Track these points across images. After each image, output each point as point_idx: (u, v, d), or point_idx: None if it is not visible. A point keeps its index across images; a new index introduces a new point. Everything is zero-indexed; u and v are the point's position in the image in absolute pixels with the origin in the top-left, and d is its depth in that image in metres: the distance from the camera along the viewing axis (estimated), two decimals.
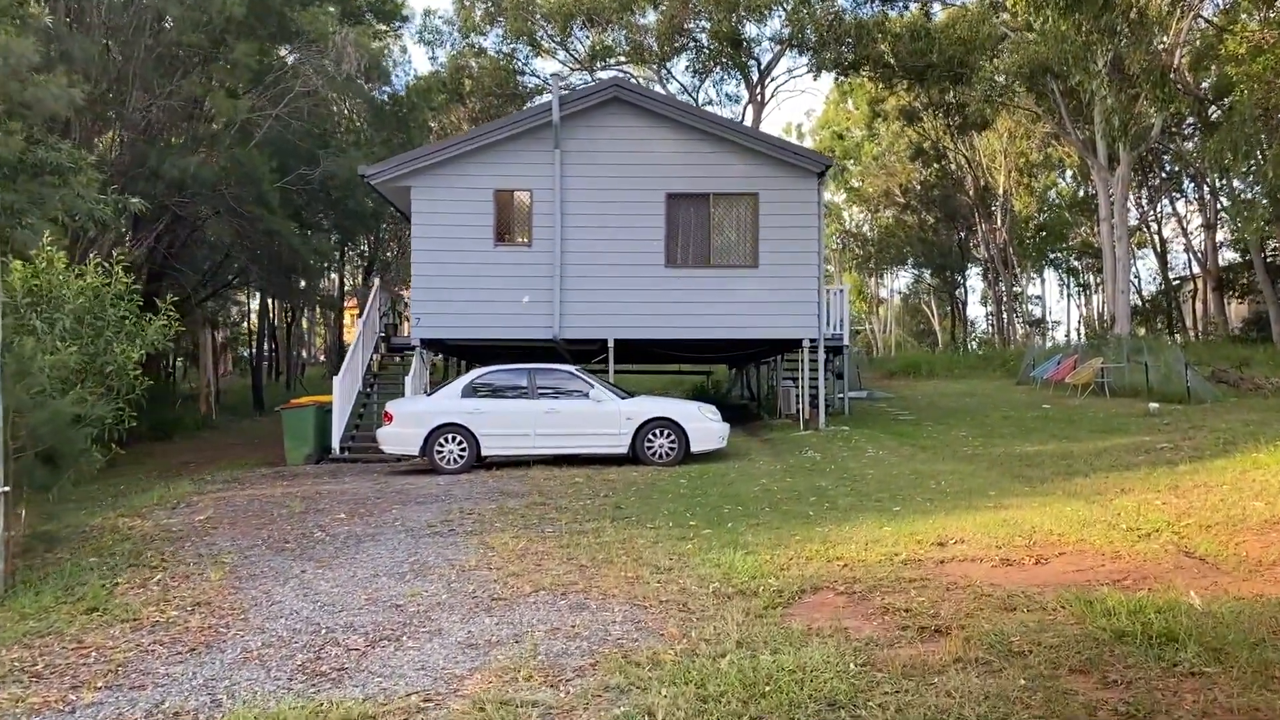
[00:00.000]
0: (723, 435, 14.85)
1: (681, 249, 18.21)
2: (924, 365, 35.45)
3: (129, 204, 15.84)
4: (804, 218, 18.17)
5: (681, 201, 18.19)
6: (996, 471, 12.80)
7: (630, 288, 17.99)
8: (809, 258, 18.16)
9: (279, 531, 10.14)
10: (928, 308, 67.37)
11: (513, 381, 14.97)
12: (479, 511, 10.80)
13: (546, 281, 17.91)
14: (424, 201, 18.01)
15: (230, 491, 13.58)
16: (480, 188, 18.02)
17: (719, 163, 18.15)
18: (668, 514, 10.42)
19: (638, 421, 14.54)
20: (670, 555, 8.48)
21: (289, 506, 11.62)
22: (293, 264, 21.75)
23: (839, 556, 8.30)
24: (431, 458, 14.56)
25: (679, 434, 14.52)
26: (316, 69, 19.63)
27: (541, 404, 14.61)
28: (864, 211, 57.66)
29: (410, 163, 17.86)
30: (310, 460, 17.56)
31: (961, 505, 10.35)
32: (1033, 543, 8.68)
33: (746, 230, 18.23)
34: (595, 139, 18.13)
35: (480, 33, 37.15)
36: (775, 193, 18.11)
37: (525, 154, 18.08)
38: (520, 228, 18.13)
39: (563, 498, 11.63)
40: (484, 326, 18.03)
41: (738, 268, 18.15)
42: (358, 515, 10.91)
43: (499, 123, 18.43)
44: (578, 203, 18.00)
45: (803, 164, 18.07)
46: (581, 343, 18.56)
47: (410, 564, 8.45)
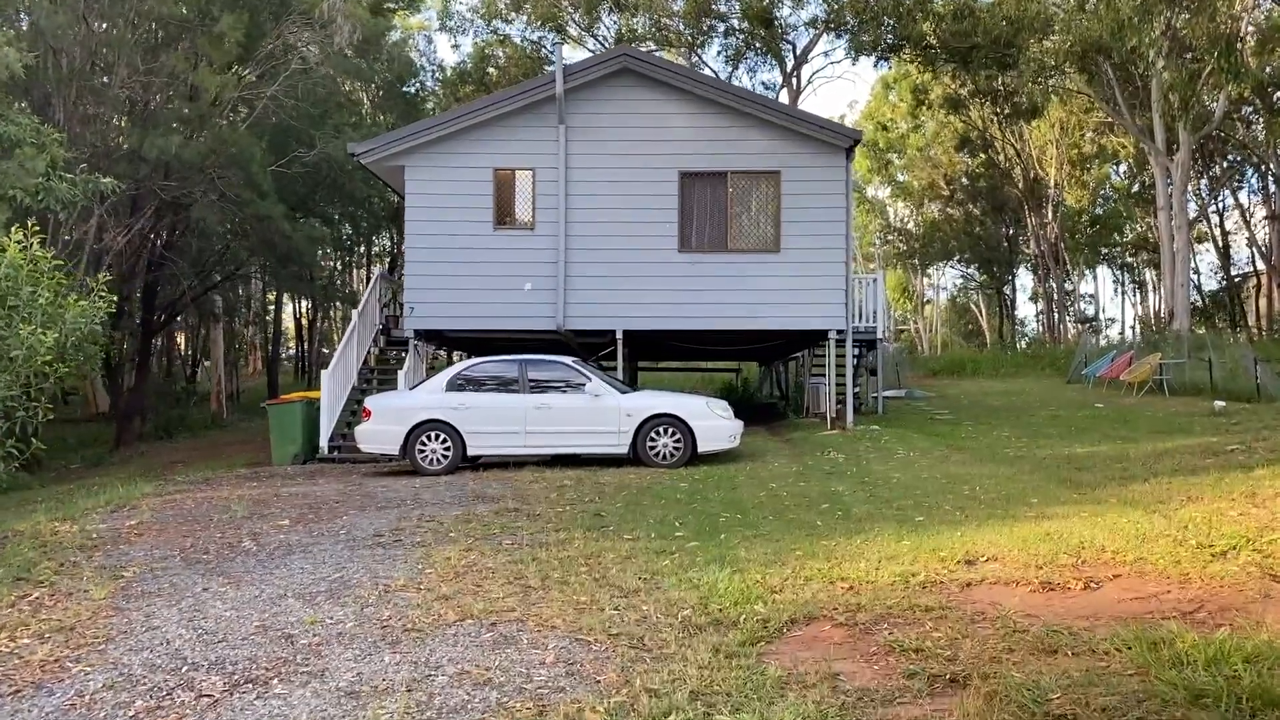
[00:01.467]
0: (734, 434, 13.38)
1: (696, 233, 16.76)
2: (969, 364, 33.63)
3: (99, 184, 14.73)
4: (831, 198, 16.63)
5: (696, 181, 16.74)
6: (1040, 476, 11.21)
7: (641, 275, 16.58)
8: (836, 242, 16.62)
9: (206, 540, 8.88)
10: (976, 307, 65.20)
11: (502, 374, 13.63)
12: (439, 519, 9.46)
13: (550, 268, 16.56)
14: (418, 182, 16.75)
15: (187, 493, 12.38)
16: (478, 167, 16.72)
17: (737, 138, 16.68)
18: (653, 522, 9.00)
19: (639, 419, 13.12)
20: (641, 573, 7.07)
21: (234, 511, 10.36)
22: (288, 253, 20.64)
23: (844, 577, 6.85)
24: (413, 458, 13.26)
25: (684, 432, 13.07)
26: (309, 43, 18.48)
27: (533, 399, 13.24)
28: (908, 206, 55.72)
29: (403, 140, 16.60)
30: (298, 460, 16.38)
31: (997, 515, 8.82)
32: (1081, 561, 7.16)
33: (768, 212, 16.73)
34: (603, 113, 16.74)
35: (505, 20, 35.96)
36: (799, 170, 16.60)
37: (527, 130, 16.74)
38: (522, 210, 16.80)
39: (540, 503, 10.26)
40: (483, 317, 16.72)
41: (758, 253, 16.66)
42: (304, 522, 9.62)
43: (498, 96, 17.10)
44: (584, 182, 16.62)
45: (829, 138, 16.53)
46: (589, 335, 17.19)
47: (330, 582, 7.12)
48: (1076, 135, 45.88)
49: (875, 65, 34.02)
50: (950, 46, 32.08)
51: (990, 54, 31.73)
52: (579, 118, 16.66)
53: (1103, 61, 30.86)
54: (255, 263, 23.51)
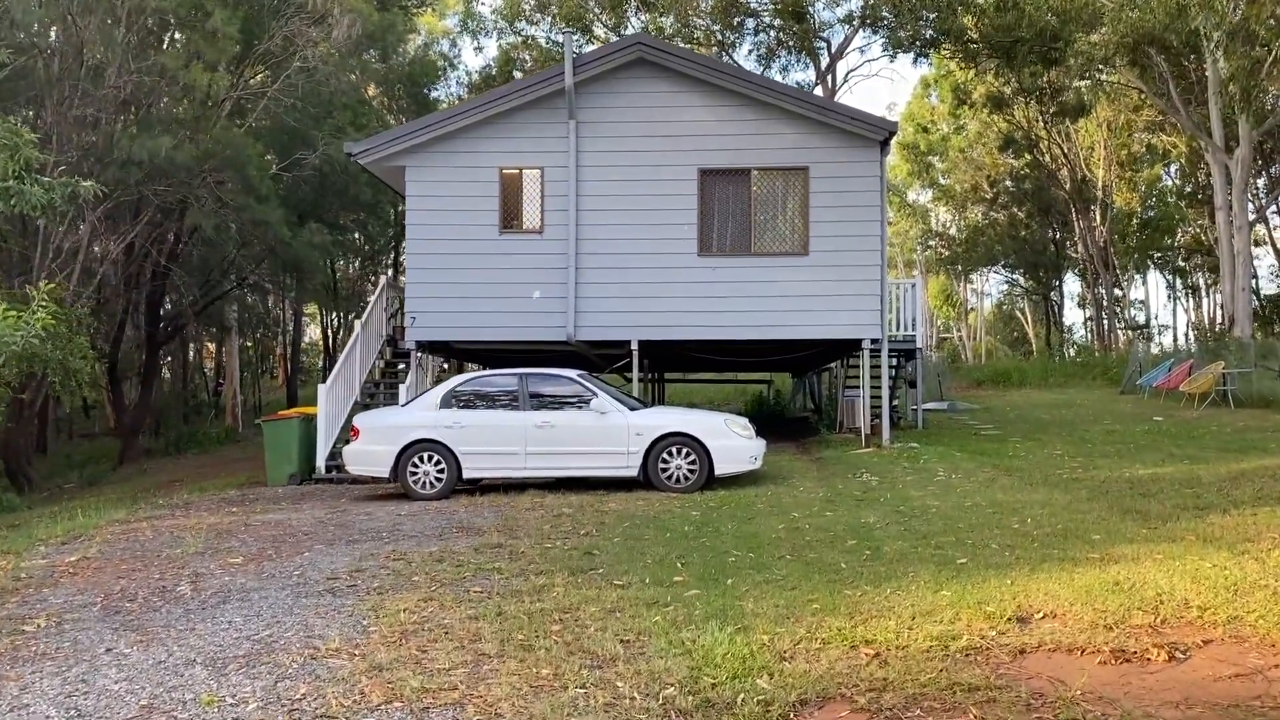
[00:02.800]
0: (755, 455, 12.11)
1: (718, 234, 15.54)
2: (1015, 373, 32.01)
3: (77, 188, 13.82)
4: (864, 195, 15.34)
5: (718, 178, 15.52)
6: (1101, 504, 9.85)
7: (657, 280, 15.39)
8: (870, 243, 15.32)
9: (141, 582, 7.79)
10: (1021, 314, 63.26)
11: (501, 389, 12.47)
12: (409, 557, 8.30)
13: (560, 274, 15.41)
14: (419, 183, 15.69)
15: (155, 521, 11.35)
16: (483, 166, 15.62)
17: (762, 132, 15.44)
18: (651, 563, 7.78)
19: (649, 438, 11.90)
20: (624, 633, 5.88)
21: (189, 545, 9.28)
22: (292, 261, 19.68)
23: (869, 639, 5.63)
24: (404, 481, 12.14)
25: (700, 453, 11.83)
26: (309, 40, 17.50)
27: (534, 416, 12.07)
28: (950, 210, 54.03)
29: (403, 138, 15.55)
30: (294, 480, 15.35)
31: (1053, 556, 7.50)
32: (1160, 621, 5.88)
33: (795, 211, 15.48)
34: (616, 107, 15.58)
35: (530, 21, 34.98)
36: (829, 166, 15.33)
37: (535, 126, 15.63)
38: (530, 212, 15.67)
39: (529, 536, 9.07)
40: (489, 327, 15.61)
41: (784, 256, 15.41)
42: (259, 559, 8.51)
43: (504, 90, 15.99)
44: (596, 182, 15.47)
45: (862, 130, 15.25)
46: (603, 345, 16.01)
47: (254, 643, 5.99)
48: (1125, 135, 44.02)
49: (914, 62, 32.62)
50: (993, 41, 30.61)
51: (1035, 48, 30.21)
52: (591, 112, 15.52)
53: (1155, 54, 29.24)
54: (261, 272, 22.61)
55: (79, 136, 16.18)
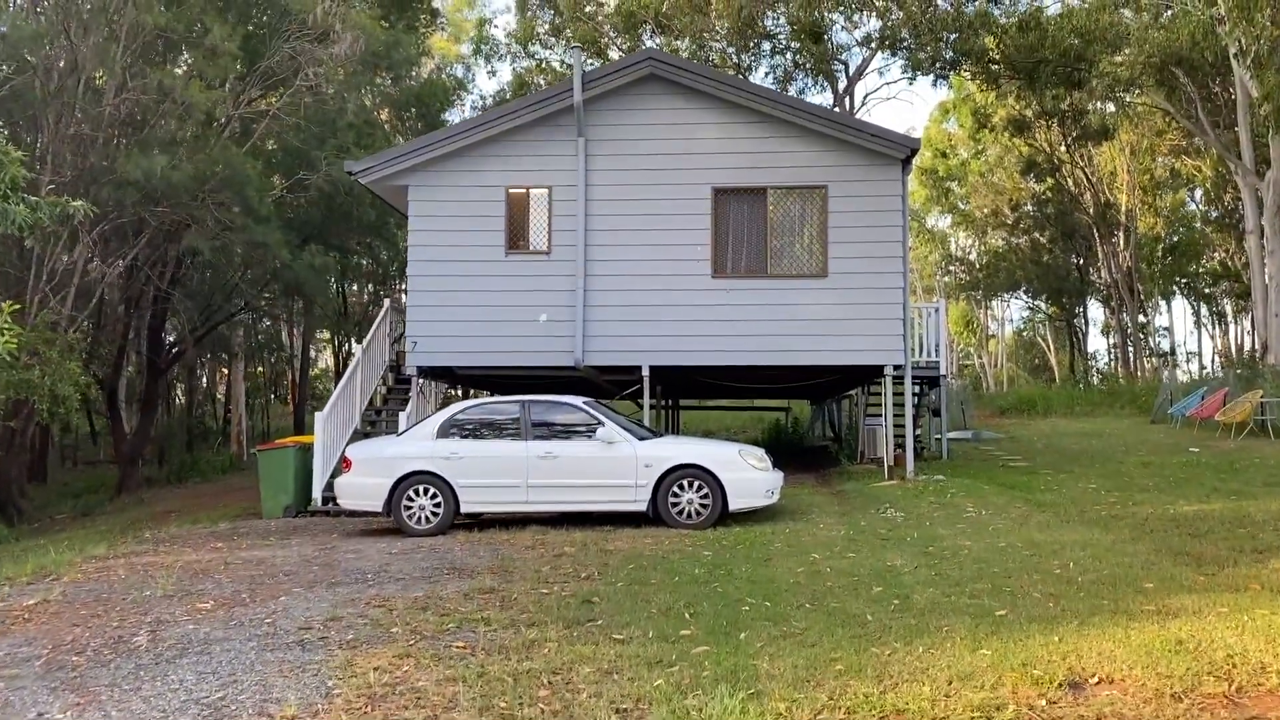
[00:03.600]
0: (771, 489, 11.36)
1: (732, 256, 14.87)
2: (1040, 401, 31.12)
3: (66, 208, 13.28)
4: (885, 215, 14.65)
5: (732, 198, 14.87)
6: (1148, 545, 9.05)
7: (669, 304, 14.71)
8: (892, 265, 14.60)
9: (96, 631, 7.11)
10: (1043, 340, 62.25)
11: (501, 417, 11.78)
12: (392, 603, 7.60)
13: (568, 297, 14.76)
14: (422, 203, 15.11)
15: (132, 558, 10.69)
16: (489, 185, 15.02)
17: (778, 149, 14.79)
18: (656, 613, 7.04)
19: (659, 470, 11.17)
20: (620, 700, 5.16)
21: (158, 587, 8.60)
22: (294, 284, 19.09)
23: (901, 708, 4.92)
24: (398, 515, 11.45)
25: (713, 487, 11.09)
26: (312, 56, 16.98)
27: (536, 446, 11.37)
28: (970, 236, 53.23)
29: (405, 157, 14.97)
30: (289, 512, 14.69)
31: (1104, 607, 6.73)
32: (1235, 689, 5.16)
33: (813, 232, 14.80)
34: (627, 124, 14.98)
35: (545, 45, 34.58)
36: (848, 185, 14.66)
37: (543, 144, 15.03)
38: (537, 233, 15.05)
39: (525, 580, 8.35)
40: (493, 352, 14.96)
41: (802, 278, 14.72)
42: (230, 605, 7.82)
43: (510, 106, 15.41)
44: (605, 201, 14.85)
45: (883, 148, 14.57)
46: (613, 371, 15.33)
47: (201, 708, 5.30)
48: (1147, 159, 43.20)
49: (934, 84, 32.17)
50: (1015, 62, 29.94)
51: (1058, 69, 29.53)
52: (600, 130, 14.92)
53: (1182, 75, 28.51)
54: (264, 296, 22.06)
55: (74, 156, 15.68)
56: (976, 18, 28.73)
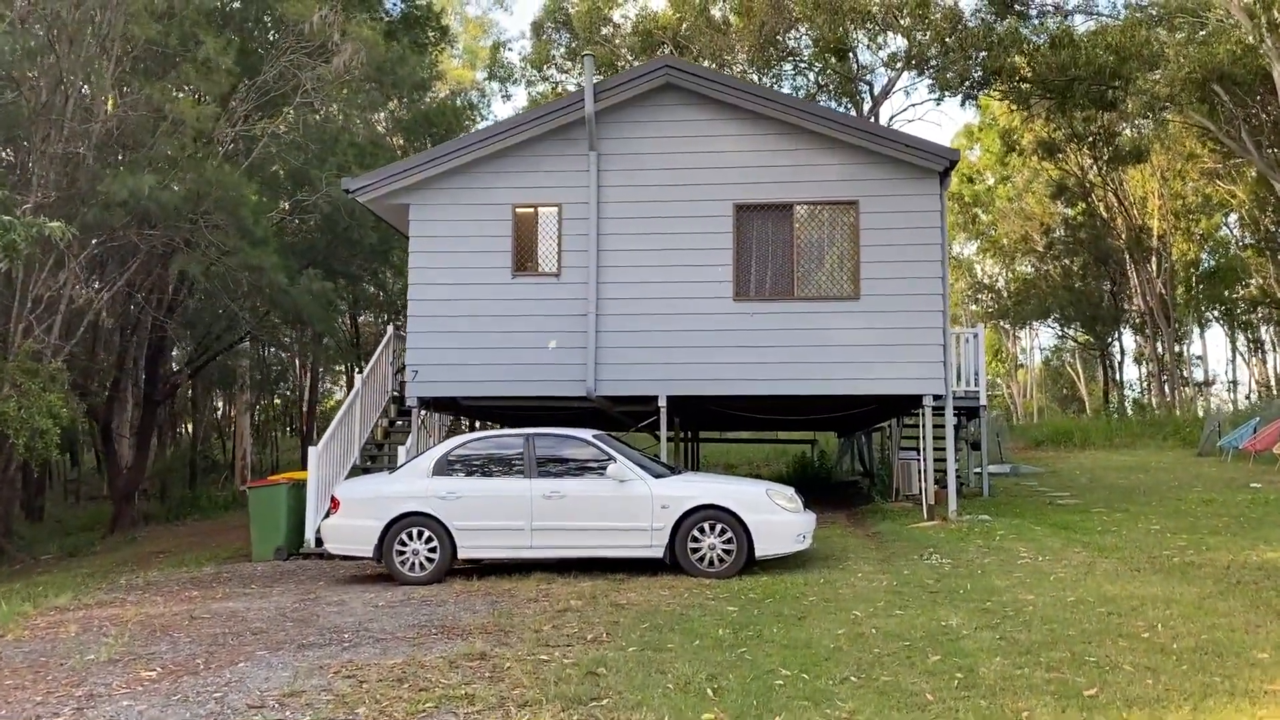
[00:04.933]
0: (803, 532, 10.20)
1: (756, 277, 13.80)
2: (1076, 433, 29.76)
3: (42, 229, 12.40)
4: (921, 232, 13.56)
5: (755, 214, 13.82)
6: (1242, 601, 7.84)
7: (688, 329, 13.64)
8: (931, 285, 13.49)
9: (16, 706, 6.05)
10: (1072, 370, 60.70)
11: (503, 452, 10.70)
12: (365, 673, 6.50)
13: (579, 322, 13.72)
14: (424, 223, 14.14)
15: (92, 610, 9.66)
16: (495, 203, 14.05)
17: (805, 162, 13.75)
18: (673, 688, 5.91)
19: (678, 511, 10.04)
20: None
21: (106, 648, 7.53)
22: (292, 311, 18.15)
23: None
24: (390, 561, 10.36)
25: (737, 530, 9.94)
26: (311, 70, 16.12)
27: (541, 485, 10.27)
28: (998, 263, 51.97)
29: (406, 173, 14.02)
30: (280, 555, 13.65)
31: (1216, 686, 5.55)
32: None
33: (843, 251, 13.72)
34: (642, 137, 13.99)
35: (561, 69, 33.81)
36: (882, 200, 13.59)
37: (552, 159, 14.06)
38: (546, 253, 14.03)
39: (523, 642, 7.23)
40: (499, 381, 13.91)
41: (832, 300, 13.62)
42: (180, 672, 6.74)
43: (517, 119, 14.43)
44: (620, 219, 13.83)
45: (920, 160, 13.50)
46: (628, 402, 14.25)
47: None
48: (1178, 184, 41.93)
49: (962, 104, 31.00)
50: (1046, 80, 28.87)
51: (1092, 87, 28.44)
52: (614, 143, 13.94)
53: (1222, 93, 27.37)
54: (264, 325, 21.14)
55: (59, 176, 14.81)
56: (1007, 35, 27.70)
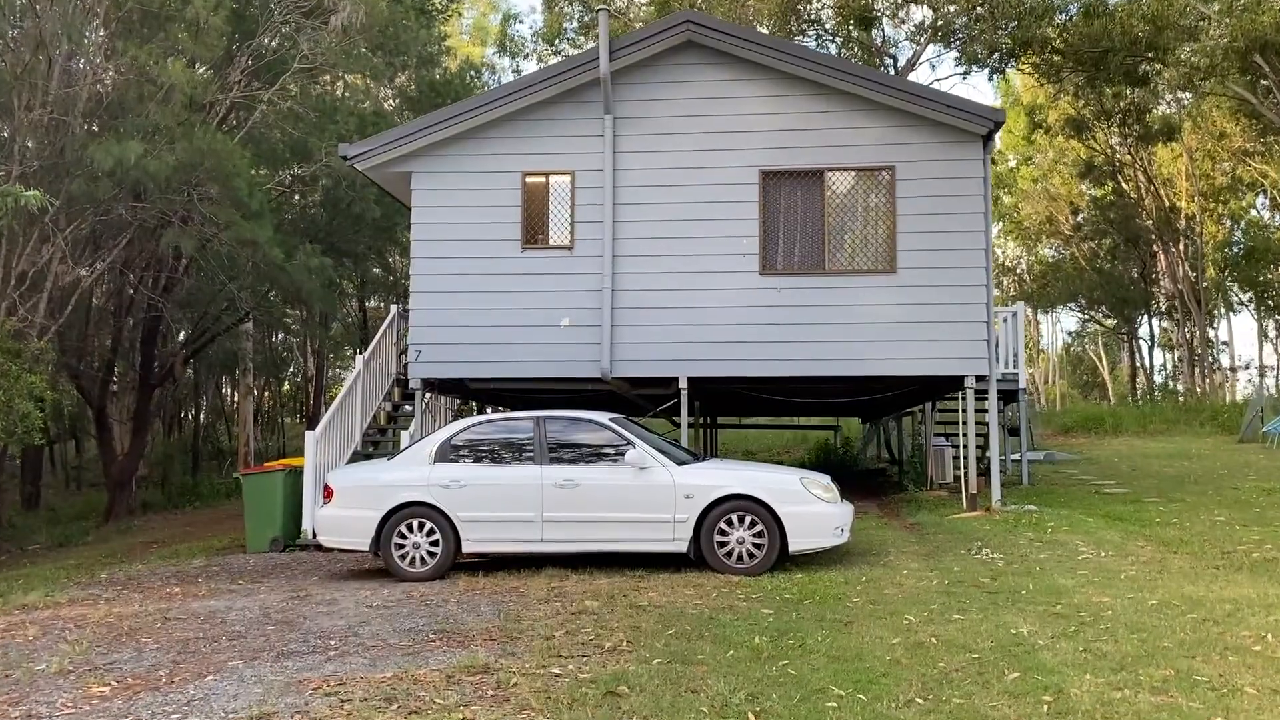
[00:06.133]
0: (842, 525, 9.26)
1: (784, 250, 12.83)
2: (1108, 419, 28.67)
3: (18, 198, 11.55)
4: (964, 200, 12.56)
5: (783, 182, 12.84)
6: None
7: (711, 305, 12.68)
8: (973, 258, 12.50)
9: None
10: (1095, 356, 59.40)
11: (512, 436, 9.80)
12: (348, 689, 5.61)
13: (594, 298, 12.78)
14: (427, 191, 13.20)
15: (62, 609, 8.82)
16: (503, 171, 13.10)
17: (837, 125, 12.75)
18: (708, 710, 5.01)
19: (703, 501, 9.12)
20: None
21: (64, 656, 6.67)
22: (291, 290, 17.26)
23: None
24: (387, 556, 9.48)
25: (769, 523, 9.02)
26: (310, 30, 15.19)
27: (553, 473, 9.36)
28: (1021, 246, 50.75)
29: (408, 138, 13.08)
30: (276, 546, 12.80)
31: None
32: None
33: (879, 221, 12.73)
34: (661, 99, 13.01)
35: (574, 44, 32.74)
36: (921, 165, 12.59)
37: (564, 124, 13.10)
38: (558, 225, 13.09)
39: (531, 651, 6.33)
40: (508, 362, 12.99)
41: (867, 274, 12.64)
42: (136, 689, 5.87)
43: (527, 79, 13.46)
44: (637, 188, 12.88)
45: (961, 122, 12.49)
46: (646, 383, 13.33)
47: None
48: (1207, 164, 40.65)
49: (990, 78, 29.94)
50: (1079, 53, 27.70)
51: (1126, 59, 27.26)
52: (631, 105, 12.97)
53: (1265, 65, 26.17)
54: (264, 304, 20.24)
55: (40, 145, 13.94)
56: (1038, 4, 26.53)
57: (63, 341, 18.52)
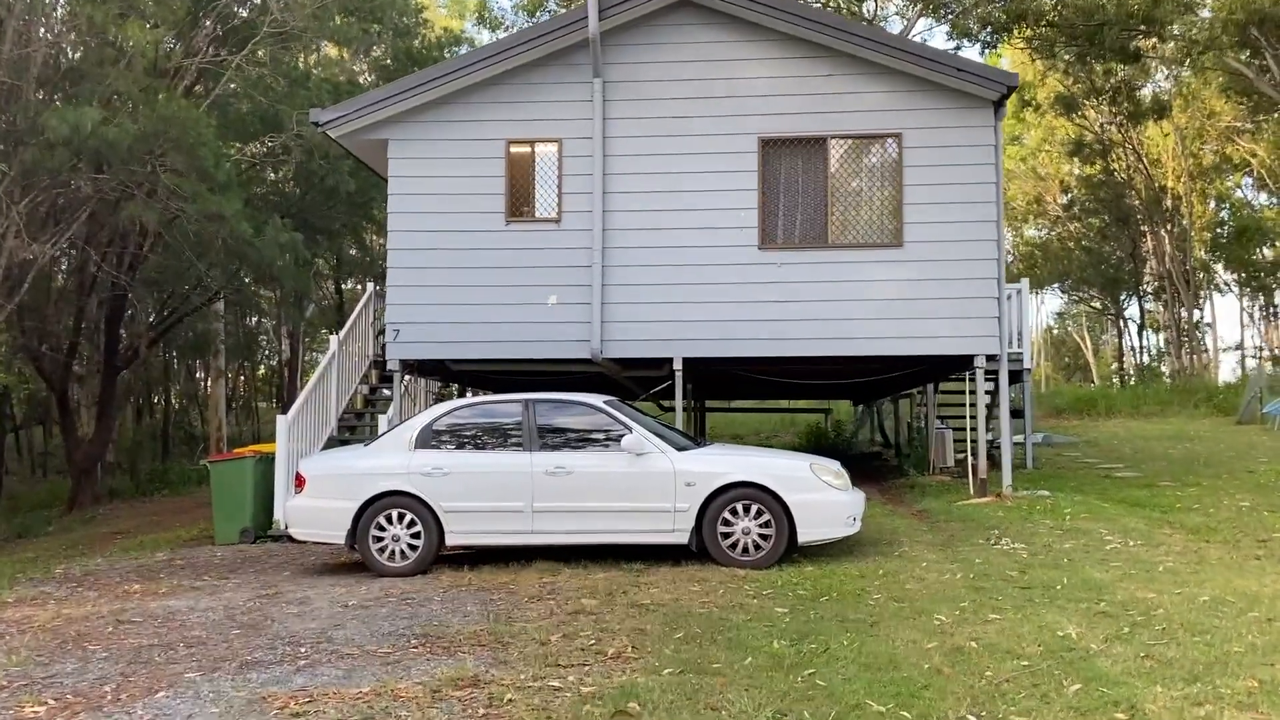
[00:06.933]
0: (854, 514, 8.62)
1: (785, 222, 12.16)
2: (1100, 401, 28.24)
3: None
4: (973, 169, 11.90)
5: (784, 150, 12.15)
6: None
7: (708, 281, 12.00)
8: (984, 231, 11.86)
9: None
10: (1079, 338, 59.18)
11: (499, 421, 9.11)
12: (318, 706, 4.93)
13: (583, 274, 12.07)
14: (405, 160, 12.43)
15: (4, 612, 8.05)
16: (486, 139, 12.35)
17: (841, 89, 12.05)
18: None
19: (705, 489, 8.45)
20: None
21: None
22: (262, 267, 16.43)
23: None
24: (365, 550, 8.77)
25: (776, 512, 8.36)
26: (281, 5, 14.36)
27: (544, 459, 8.67)
28: (1008, 228, 50.28)
29: (384, 103, 12.30)
30: (246, 537, 12.05)
31: None
32: None
33: (885, 191, 12.07)
34: (654, 62, 12.27)
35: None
36: (929, 133, 11.92)
37: (552, 88, 12.36)
38: (544, 197, 12.36)
39: (524, 661, 5.66)
40: (491, 342, 12.27)
41: (872, 248, 11.98)
42: (73, 708, 5.16)
43: (511, 40, 12.69)
44: (628, 157, 12.15)
45: (972, 86, 11.82)
46: (638, 365, 12.64)
47: None
48: (1195, 144, 40.25)
49: (982, 52, 29.09)
50: (1073, 25, 27.09)
51: (1122, 32, 26.66)
52: (622, 69, 12.24)
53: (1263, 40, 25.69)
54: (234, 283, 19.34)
55: None
56: None
57: (22, 322, 17.65)
